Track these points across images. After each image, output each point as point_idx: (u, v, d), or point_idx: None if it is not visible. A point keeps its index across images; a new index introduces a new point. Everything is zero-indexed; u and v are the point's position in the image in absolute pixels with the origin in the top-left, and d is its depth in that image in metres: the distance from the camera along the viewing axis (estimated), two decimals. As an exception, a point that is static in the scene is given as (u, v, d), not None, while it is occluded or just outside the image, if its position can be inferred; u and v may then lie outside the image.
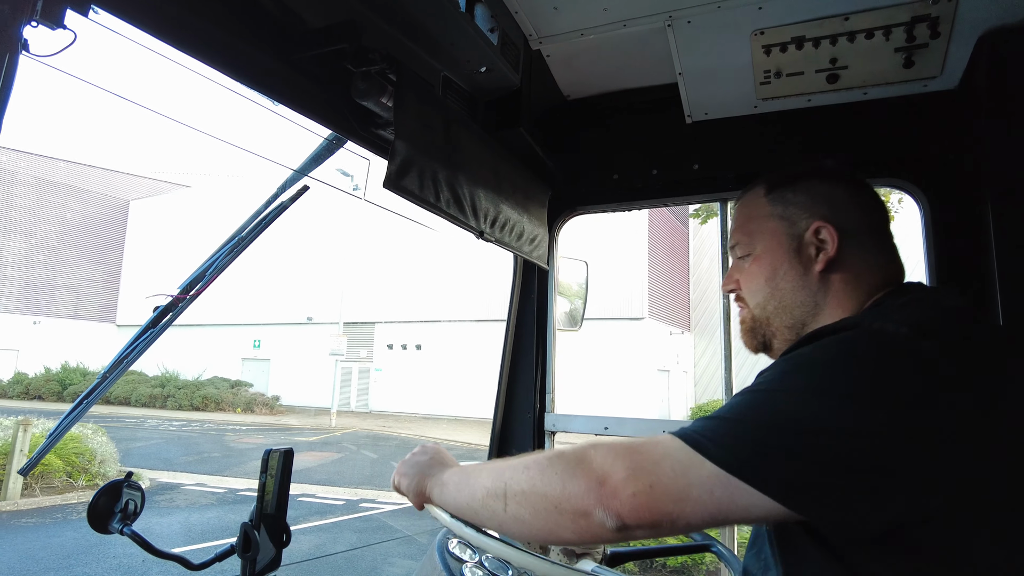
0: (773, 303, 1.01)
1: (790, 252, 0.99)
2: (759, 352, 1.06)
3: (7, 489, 9.09)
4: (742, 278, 1.06)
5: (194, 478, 11.60)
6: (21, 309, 32.74)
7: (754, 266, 1.03)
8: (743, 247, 1.06)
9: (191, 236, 32.51)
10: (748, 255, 1.04)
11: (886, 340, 0.75)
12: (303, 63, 1.25)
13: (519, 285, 2.17)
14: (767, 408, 0.75)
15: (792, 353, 0.82)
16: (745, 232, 1.06)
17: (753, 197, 1.07)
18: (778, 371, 0.79)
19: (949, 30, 1.40)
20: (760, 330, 1.03)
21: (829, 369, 0.75)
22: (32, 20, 0.80)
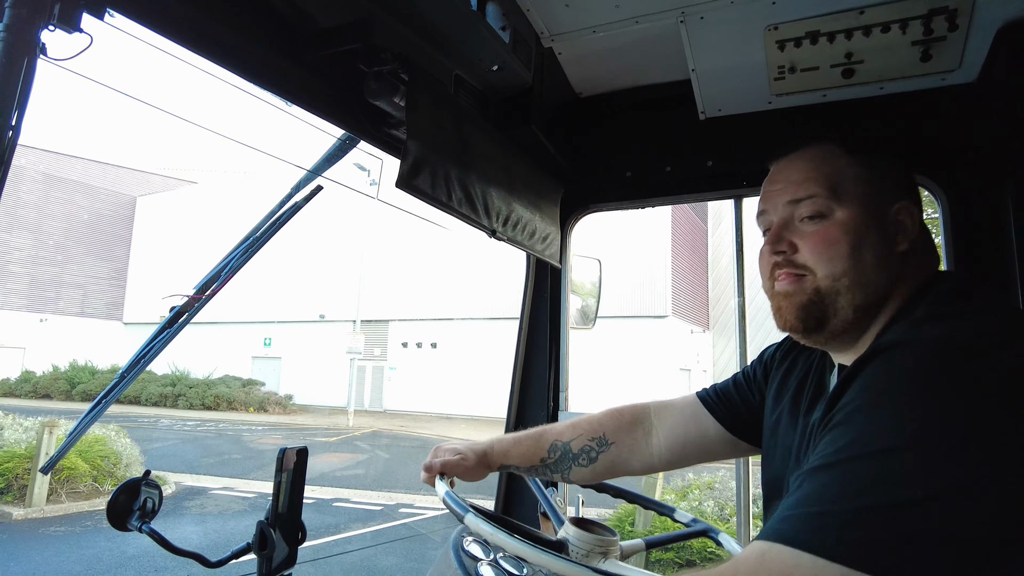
0: (850, 277, 0.87)
1: (879, 225, 0.89)
2: (802, 334, 0.93)
3: (32, 495, 8.70)
4: (810, 241, 0.91)
5: (219, 481, 11.28)
6: (27, 306, 32.56)
7: (835, 230, 0.89)
8: (818, 203, 0.90)
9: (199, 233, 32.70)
10: (823, 216, 0.90)
11: (967, 356, 0.68)
12: (315, 63, 1.25)
13: (532, 283, 2.16)
14: (860, 482, 0.64)
15: (854, 399, 0.72)
16: (826, 186, 0.91)
17: (827, 152, 0.94)
18: (857, 429, 0.68)
19: (967, 23, 1.38)
20: (822, 306, 0.89)
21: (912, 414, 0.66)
22: (49, 24, 0.81)
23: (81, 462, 9.34)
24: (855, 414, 0.71)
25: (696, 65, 1.65)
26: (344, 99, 1.34)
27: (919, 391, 0.67)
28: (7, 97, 0.75)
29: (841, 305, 0.88)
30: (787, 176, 0.96)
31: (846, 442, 0.68)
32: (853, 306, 0.88)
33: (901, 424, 0.66)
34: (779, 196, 0.96)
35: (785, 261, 0.93)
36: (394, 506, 9.93)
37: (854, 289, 0.87)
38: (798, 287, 0.91)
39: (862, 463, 0.66)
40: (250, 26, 1.13)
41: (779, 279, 0.94)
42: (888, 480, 0.63)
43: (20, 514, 8.42)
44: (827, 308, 0.89)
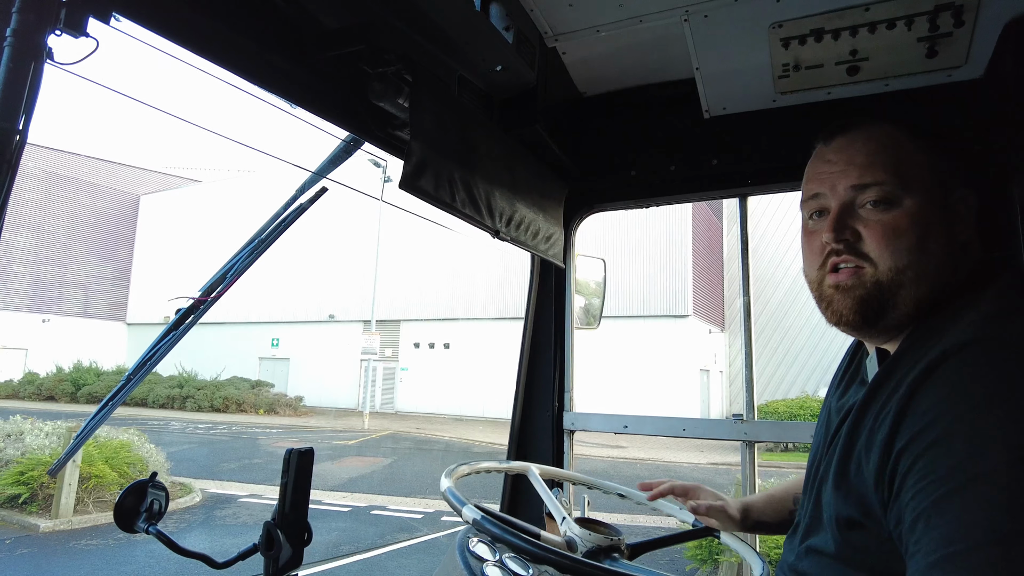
0: (915, 270, 0.83)
1: (945, 216, 0.85)
2: (855, 328, 0.88)
3: (59, 505, 8.17)
4: (875, 231, 0.85)
5: (245, 488, 10.89)
6: (29, 307, 32.51)
7: (903, 220, 0.84)
8: (886, 190, 0.85)
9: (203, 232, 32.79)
10: (890, 203, 0.85)
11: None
12: (319, 65, 1.26)
13: (536, 284, 2.16)
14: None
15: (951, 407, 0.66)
16: (895, 173, 0.85)
17: (891, 135, 0.89)
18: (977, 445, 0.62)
19: (974, 18, 1.37)
20: (882, 299, 0.84)
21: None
22: (56, 29, 0.82)
23: (108, 469, 8.95)
24: (944, 432, 0.65)
25: (700, 64, 1.64)
26: (348, 100, 1.35)
27: (1002, 402, 0.63)
28: (14, 101, 0.76)
29: (902, 298, 0.83)
30: (849, 157, 0.89)
31: (950, 465, 0.63)
32: (916, 300, 0.83)
33: (994, 440, 0.61)
34: (841, 178, 0.88)
35: (848, 248, 0.86)
36: (434, 514, 9.53)
37: (918, 282, 0.83)
38: (857, 280, 0.86)
39: (979, 485, 0.60)
40: (254, 29, 1.13)
41: (836, 270, 0.88)
42: (1014, 500, 0.58)
43: (47, 526, 8.02)
44: (887, 302, 0.84)
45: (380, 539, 8.09)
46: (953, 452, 0.63)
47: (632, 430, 1.95)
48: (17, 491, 8.43)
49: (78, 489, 8.53)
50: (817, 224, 0.92)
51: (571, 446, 2.05)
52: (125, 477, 8.99)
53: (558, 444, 2.04)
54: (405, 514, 9.57)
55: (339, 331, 29.14)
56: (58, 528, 8.06)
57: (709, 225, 26.19)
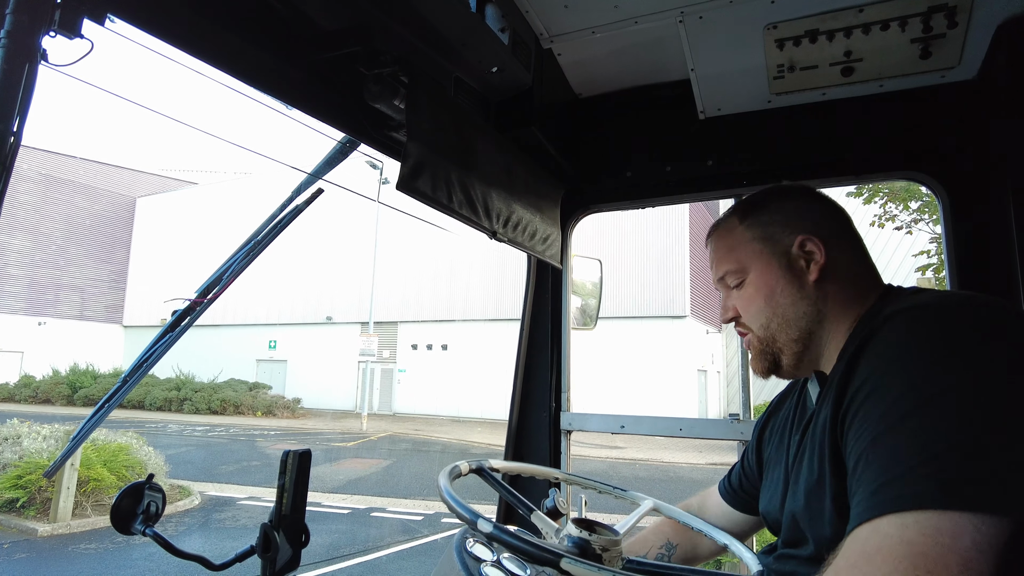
0: (776, 320, 1.02)
1: (782, 268, 1.02)
2: (769, 375, 1.07)
3: (57, 509, 8.11)
4: (740, 305, 1.07)
5: (244, 491, 10.86)
6: (25, 309, 32.34)
7: (749, 289, 1.05)
8: (734, 275, 1.08)
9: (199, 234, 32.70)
10: (741, 282, 1.07)
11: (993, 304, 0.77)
12: (315, 66, 1.26)
13: (533, 284, 2.17)
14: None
15: (885, 341, 0.80)
16: (732, 261, 1.08)
17: (728, 229, 1.11)
18: (912, 371, 0.74)
19: (967, 20, 1.38)
20: (768, 350, 1.04)
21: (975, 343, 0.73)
22: (50, 30, 0.82)
23: (107, 472, 8.90)
24: (888, 376, 0.76)
25: (695, 65, 1.65)
26: (344, 102, 1.35)
27: (949, 334, 0.74)
28: (8, 103, 0.75)
29: (781, 343, 1.02)
30: (712, 257, 1.14)
31: (893, 400, 0.72)
32: (792, 340, 1.01)
33: (950, 363, 0.71)
34: (713, 276, 1.15)
35: (737, 324, 1.10)
36: (434, 515, 9.50)
37: (784, 328, 1.01)
38: (751, 340, 1.08)
39: (932, 410, 0.69)
40: (250, 30, 1.13)
41: (742, 336, 1.11)
42: (972, 418, 0.67)
43: (46, 530, 7.95)
44: (774, 350, 1.04)
45: (380, 541, 8.07)
46: (886, 396, 0.74)
47: (629, 430, 1.95)
48: (15, 495, 8.38)
49: (76, 493, 8.47)
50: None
51: (568, 446, 2.05)
52: (123, 480, 8.93)
53: (555, 444, 2.04)
54: (405, 516, 9.54)
55: (336, 333, 29.09)
56: (56, 532, 8.01)
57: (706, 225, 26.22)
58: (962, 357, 0.71)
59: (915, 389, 0.71)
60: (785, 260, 1.02)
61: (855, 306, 0.98)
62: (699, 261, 24.39)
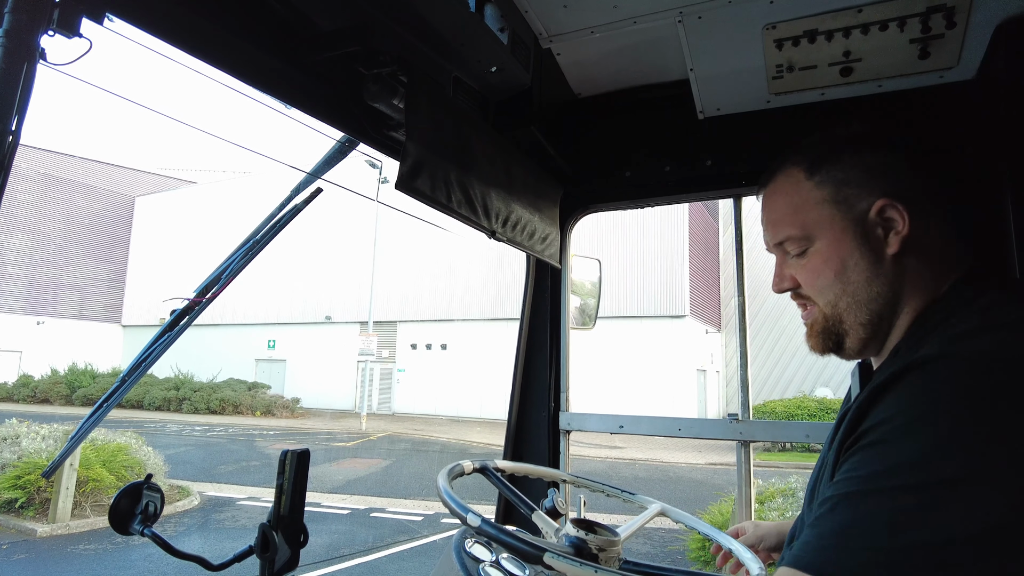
0: (846, 299, 0.88)
1: (857, 239, 0.87)
2: (828, 354, 0.94)
3: (56, 510, 8.11)
4: (803, 276, 0.93)
5: (244, 491, 10.88)
6: (24, 309, 32.26)
7: (817, 261, 0.90)
8: (797, 243, 0.92)
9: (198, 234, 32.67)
10: (804, 250, 0.92)
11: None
12: (314, 66, 1.26)
13: (532, 284, 2.17)
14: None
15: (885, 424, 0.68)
16: (796, 225, 0.92)
17: (792, 183, 0.94)
18: (885, 459, 0.66)
19: (965, 20, 1.38)
20: (834, 330, 0.91)
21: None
22: (49, 29, 0.82)
23: (106, 473, 8.88)
24: (894, 434, 0.67)
25: (694, 65, 1.65)
26: (343, 102, 1.35)
27: (967, 411, 0.64)
28: (7, 102, 0.75)
29: (850, 325, 0.89)
30: (766, 216, 0.98)
31: (886, 467, 0.65)
32: (860, 324, 0.88)
33: (950, 450, 0.62)
34: (768, 238, 0.98)
35: (794, 295, 0.97)
36: (433, 516, 9.47)
37: (855, 309, 0.88)
38: (814, 316, 0.93)
39: (908, 494, 0.62)
40: (249, 30, 1.13)
41: (801, 309, 0.97)
42: (941, 514, 0.60)
43: (45, 531, 7.96)
44: (838, 331, 0.90)
45: (379, 542, 8.06)
46: (884, 457, 0.66)
47: (628, 430, 1.95)
48: (14, 495, 8.37)
49: (75, 493, 8.46)
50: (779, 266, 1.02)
51: (567, 446, 2.05)
52: (123, 480, 8.90)
53: (554, 444, 2.04)
54: (404, 516, 9.52)
55: (336, 332, 29.07)
56: (55, 532, 8.00)
57: (705, 226, 26.25)
58: (972, 449, 0.62)
59: (913, 464, 0.63)
60: (861, 228, 0.87)
61: (932, 287, 0.85)
62: (698, 261, 24.41)
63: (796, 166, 0.94)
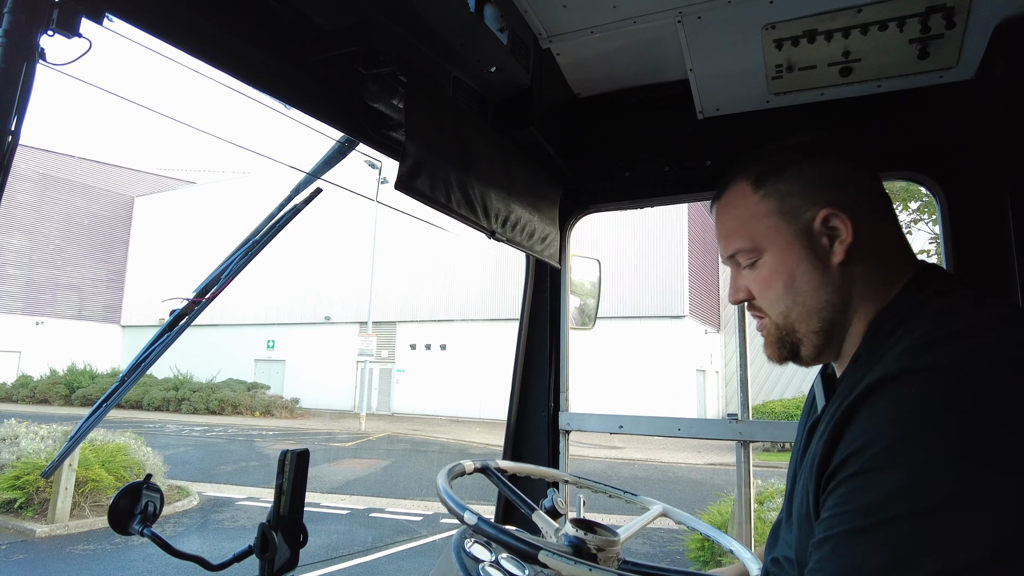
0: (797, 309, 0.89)
1: (803, 249, 0.88)
2: (785, 363, 0.94)
3: (55, 510, 8.09)
4: (754, 288, 0.94)
5: (243, 491, 10.87)
6: (23, 309, 32.16)
7: (764, 271, 0.91)
8: (746, 254, 0.93)
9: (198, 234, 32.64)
10: (754, 261, 0.93)
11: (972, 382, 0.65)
12: (314, 66, 1.26)
13: (531, 284, 2.17)
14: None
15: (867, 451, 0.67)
16: (744, 238, 0.93)
17: (739, 196, 0.95)
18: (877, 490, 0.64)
19: (965, 20, 1.38)
20: (787, 339, 0.91)
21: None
22: (48, 29, 0.82)
23: (105, 473, 8.86)
24: (877, 462, 0.66)
25: (694, 65, 1.65)
26: (343, 102, 1.35)
27: (949, 428, 0.63)
28: (6, 102, 0.75)
29: (803, 334, 0.90)
30: (719, 229, 0.99)
31: (876, 499, 0.64)
32: (813, 332, 0.89)
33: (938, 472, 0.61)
34: (720, 250, 1.00)
35: (749, 307, 0.98)
36: (433, 516, 9.45)
37: (806, 318, 0.89)
38: (767, 326, 0.94)
39: (907, 524, 0.61)
40: (249, 30, 1.13)
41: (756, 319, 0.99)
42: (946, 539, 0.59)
43: (44, 531, 7.94)
44: (792, 339, 0.91)
45: (379, 542, 8.05)
46: (873, 487, 0.65)
47: (627, 430, 1.95)
48: (12, 496, 8.35)
49: (74, 493, 8.44)
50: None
51: (567, 446, 2.05)
52: (122, 481, 8.87)
53: (554, 444, 2.04)
54: (404, 516, 9.50)
55: (335, 333, 29.04)
56: (54, 533, 7.99)
57: (704, 226, 26.27)
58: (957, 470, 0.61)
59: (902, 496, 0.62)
60: (807, 239, 0.87)
61: (882, 291, 0.85)
62: (698, 261, 24.41)
63: (744, 180, 0.95)
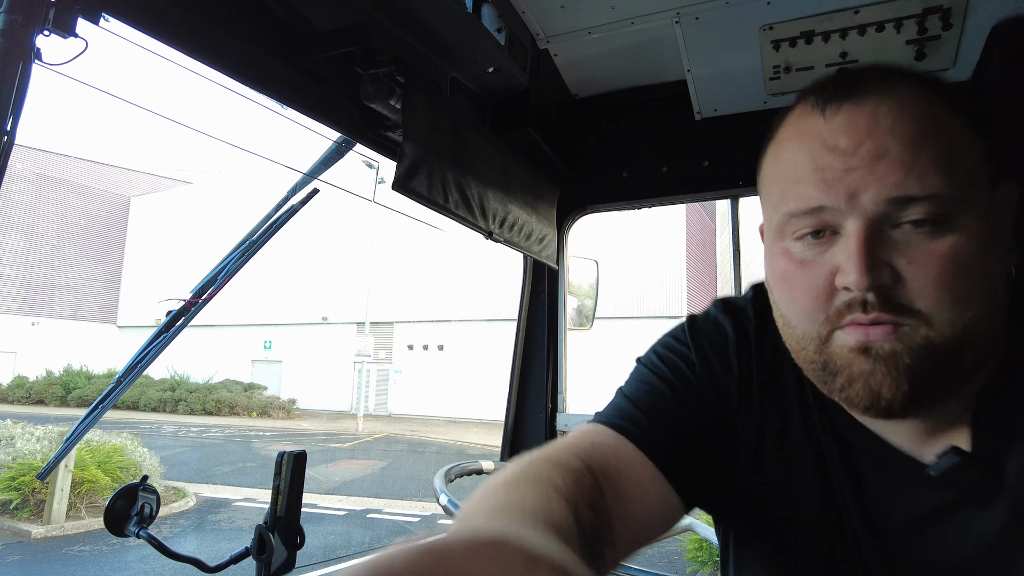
0: (983, 322, 0.54)
1: (995, 225, 0.56)
2: (893, 412, 0.55)
3: (51, 511, 8.02)
4: (926, 268, 0.52)
5: (239, 492, 10.85)
6: (19, 310, 31.95)
7: (964, 247, 0.52)
8: (940, 204, 0.52)
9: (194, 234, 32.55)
10: (946, 224, 0.53)
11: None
12: (311, 66, 1.25)
13: (529, 285, 2.17)
14: None
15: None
16: (949, 175, 0.52)
17: (931, 107, 0.55)
18: None
19: (962, 21, 1.38)
20: (936, 370, 0.53)
21: None
22: (44, 29, 0.81)
23: (101, 474, 8.79)
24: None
25: (691, 66, 1.65)
26: (340, 102, 1.35)
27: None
28: (2, 102, 0.75)
29: (969, 362, 0.54)
30: (876, 146, 0.53)
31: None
32: (975, 362, 0.55)
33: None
34: (867, 183, 0.53)
35: (884, 300, 0.53)
36: (430, 517, 9.40)
37: (983, 338, 0.54)
38: (900, 344, 0.53)
39: None
40: (246, 29, 1.13)
41: (865, 330, 0.54)
42: None
43: (39, 532, 7.87)
44: (942, 375, 0.54)
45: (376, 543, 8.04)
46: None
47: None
48: (8, 497, 8.31)
49: (70, 494, 8.40)
50: (813, 250, 0.58)
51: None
52: (118, 482, 8.74)
53: (552, 445, 2.04)
54: (401, 517, 9.49)
55: (332, 333, 28.98)
56: (50, 534, 7.94)
57: (702, 226, 26.28)
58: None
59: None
60: (997, 216, 0.57)
61: (1002, 328, 0.58)
62: (695, 261, 24.43)
63: (926, 87, 0.56)
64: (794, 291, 0.60)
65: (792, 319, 0.61)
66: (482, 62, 1.51)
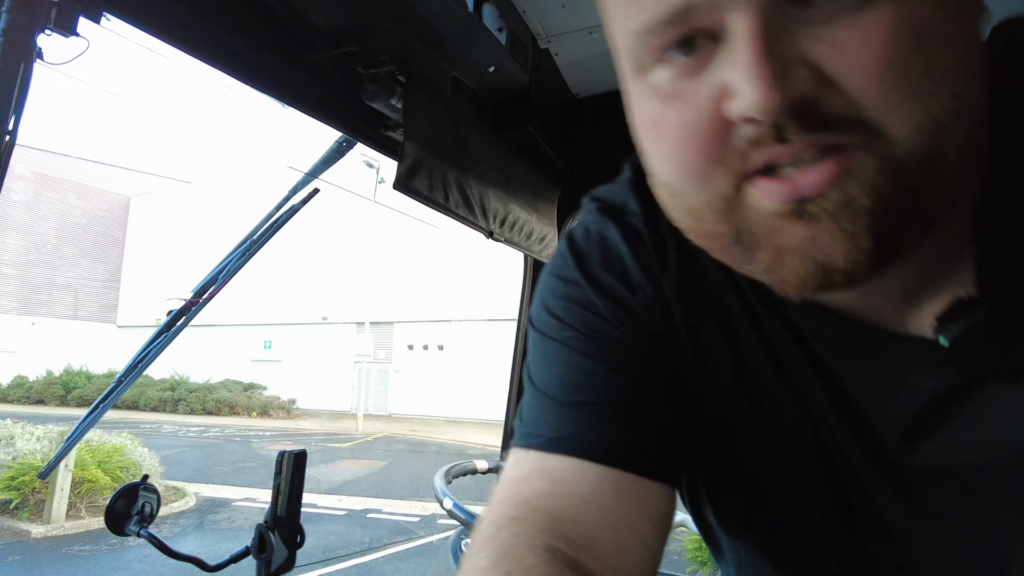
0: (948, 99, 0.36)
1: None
2: (854, 278, 0.37)
3: (51, 511, 7.99)
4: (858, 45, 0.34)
5: (239, 492, 10.84)
6: (18, 309, 31.97)
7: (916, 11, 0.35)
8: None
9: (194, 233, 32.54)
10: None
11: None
12: (312, 66, 1.26)
13: (529, 285, 2.17)
14: None
15: None
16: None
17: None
18: None
19: (962, 22, 1.38)
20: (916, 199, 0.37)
21: None
22: (46, 28, 0.81)
23: (101, 474, 8.79)
24: None
25: (692, 65, 1.65)
26: (341, 101, 1.35)
27: None
28: (3, 102, 0.75)
29: (944, 182, 0.38)
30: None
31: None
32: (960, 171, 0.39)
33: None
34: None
35: (809, 118, 0.35)
36: (430, 517, 9.36)
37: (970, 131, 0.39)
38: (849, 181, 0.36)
39: None
40: (247, 29, 1.13)
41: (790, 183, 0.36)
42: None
43: (39, 532, 7.85)
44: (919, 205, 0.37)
45: (376, 542, 8.04)
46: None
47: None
48: (8, 496, 8.30)
49: (70, 494, 8.39)
50: (686, 75, 0.39)
51: None
52: (118, 481, 8.72)
53: (552, 445, 2.04)
54: (401, 517, 9.49)
55: (332, 333, 28.97)
56: (50, 534, 7.93)
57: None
58: None
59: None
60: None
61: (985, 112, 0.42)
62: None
63: None
64: (669, 141, 0.41)
65: (675, 183, 0.42)
66: (483, 62, 1.51)
